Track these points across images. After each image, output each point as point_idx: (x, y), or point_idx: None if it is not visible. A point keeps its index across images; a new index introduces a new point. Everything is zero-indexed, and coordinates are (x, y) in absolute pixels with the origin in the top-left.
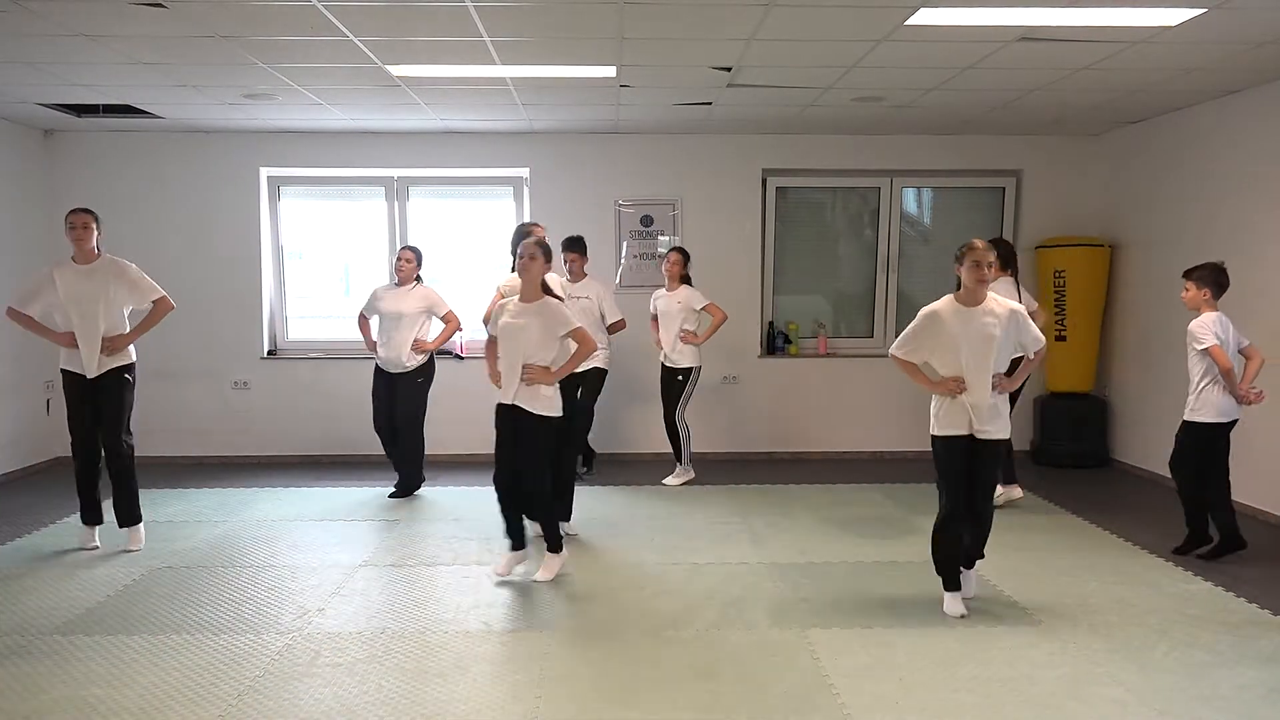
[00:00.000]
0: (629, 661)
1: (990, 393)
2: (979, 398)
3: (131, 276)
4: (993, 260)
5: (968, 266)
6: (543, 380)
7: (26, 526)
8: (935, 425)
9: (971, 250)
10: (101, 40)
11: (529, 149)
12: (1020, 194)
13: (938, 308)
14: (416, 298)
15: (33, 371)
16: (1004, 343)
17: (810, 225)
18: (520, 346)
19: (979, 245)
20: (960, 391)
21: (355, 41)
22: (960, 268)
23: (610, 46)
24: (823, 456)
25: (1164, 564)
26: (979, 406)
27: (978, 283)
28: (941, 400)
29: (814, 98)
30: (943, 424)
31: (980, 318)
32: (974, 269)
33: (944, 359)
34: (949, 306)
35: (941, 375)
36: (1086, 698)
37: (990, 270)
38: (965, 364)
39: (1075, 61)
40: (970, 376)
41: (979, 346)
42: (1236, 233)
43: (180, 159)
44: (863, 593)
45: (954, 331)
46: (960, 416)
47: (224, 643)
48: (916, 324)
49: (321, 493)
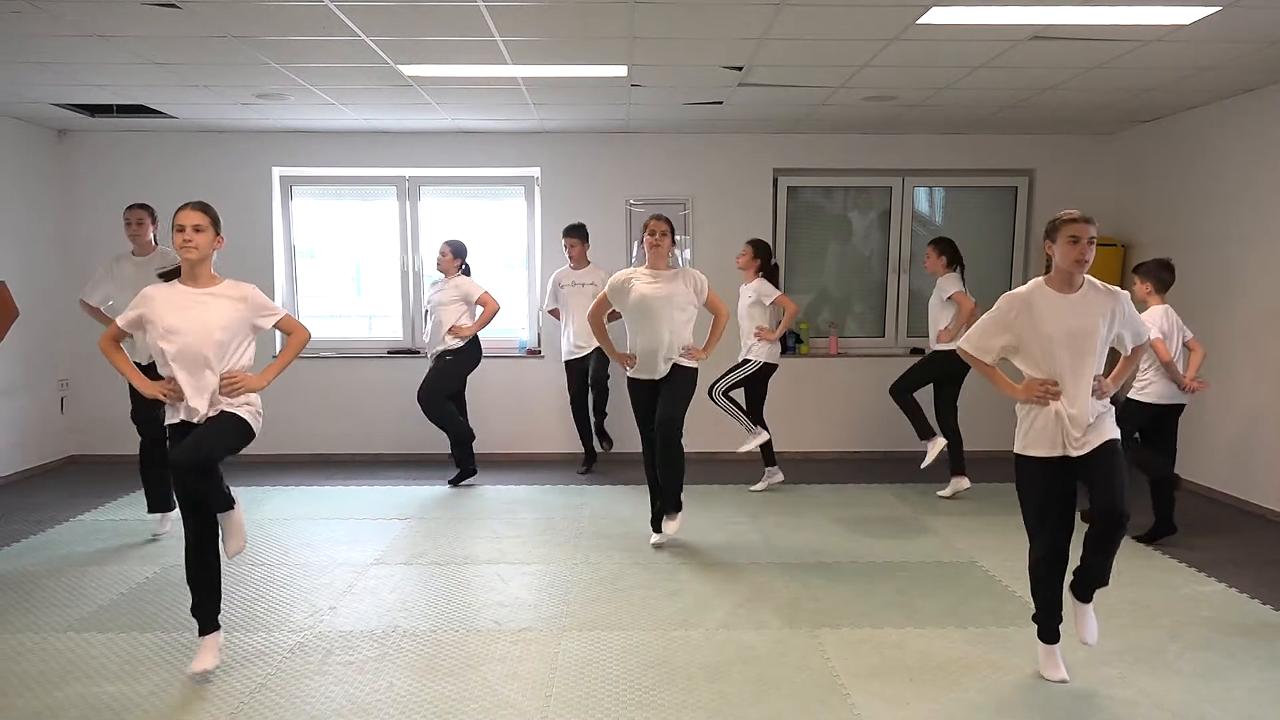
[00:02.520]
0: (639, 660)
1: (1091, 400)
2: (1079, 407)
3: None
4: (1094, 234)
5: (1063, 242)
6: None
7: (40, 524)
8: (1021, 441)
9: (1070, 222)
10: (115, 40)
11: (540, 149)
12: (1033, 193)
13: (1025, 293)
14: (452, 289)
15: (46, 370)
16: (1107, 338)
17: (821, 225)
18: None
19: (1077, 215)
20: (1054, 398)
21: (367, 41)
22: (1052, 244)
23: (621, 46)
24: (834, 456)
25: (1176, 565)
26: (1078, 418)
27: (1076, 264)
28: (1030, 409)
29: (825, 97)
30: (1030, 441)
31: (1079, 306)
32: (1070, 246)
33: (1033, 358)
34: (1039, 291)
35: (1028, 377)
36: (1098, 699)
37: (1093, 247)
38: (1060, 364)
39: (1088, 60)
40: (1067, 380)
41: (1079, 342)
42: (1250, 232)
43: (193, 159)
44: (873, 593)
45: (1046, 323)
46: (1054, 432)
47: (236, 640)
48: (995, 312)
49: (333, 491)
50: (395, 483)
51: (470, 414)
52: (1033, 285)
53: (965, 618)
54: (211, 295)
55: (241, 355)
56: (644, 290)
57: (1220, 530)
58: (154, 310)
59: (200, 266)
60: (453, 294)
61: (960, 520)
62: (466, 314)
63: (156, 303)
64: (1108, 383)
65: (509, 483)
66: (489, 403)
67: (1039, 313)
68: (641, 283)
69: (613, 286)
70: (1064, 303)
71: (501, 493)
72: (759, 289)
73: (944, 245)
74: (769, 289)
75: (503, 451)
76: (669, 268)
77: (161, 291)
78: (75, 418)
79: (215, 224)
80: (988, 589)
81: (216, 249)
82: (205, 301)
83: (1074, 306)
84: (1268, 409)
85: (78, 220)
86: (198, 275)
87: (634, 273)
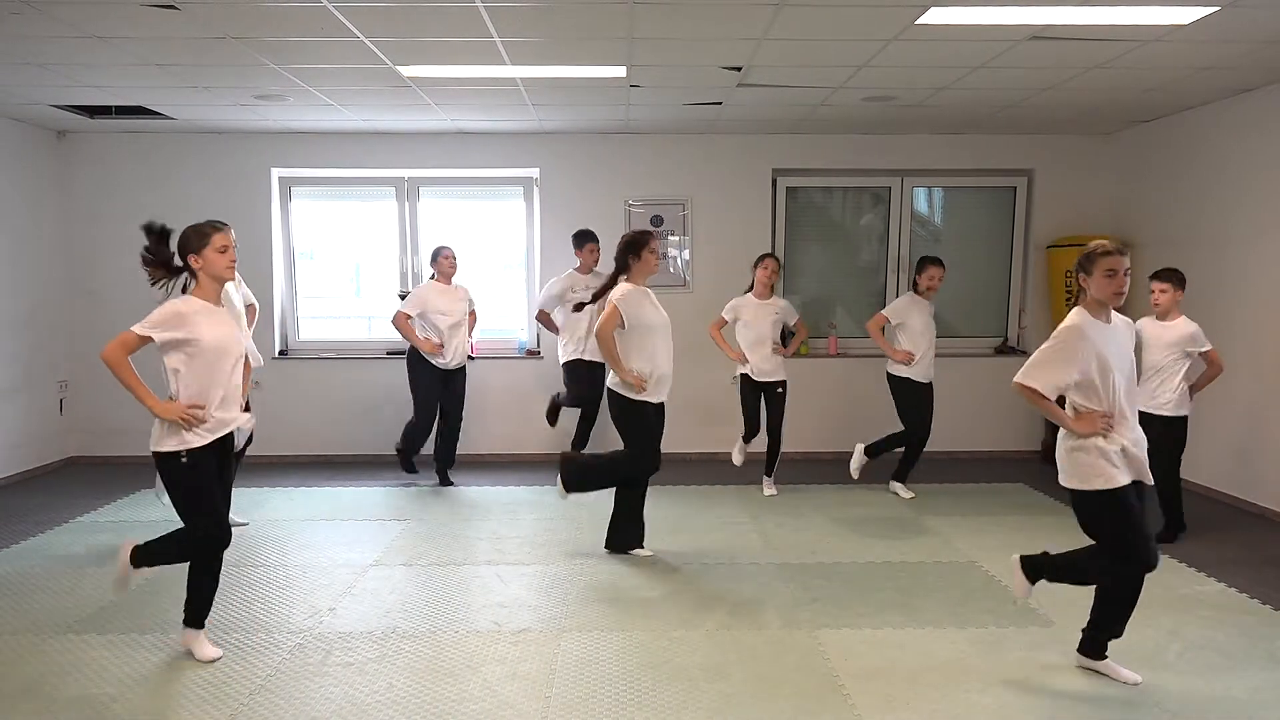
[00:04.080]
0: (639, 661)
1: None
2: (1139, 433)
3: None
4: (1129, 265)
5: (1100, 275)
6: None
7: (40, 526)
8: (1102, 478)
9: (1106, 255)
10: (114, 42)
11: (539, 149)
12: (1032, 193)
13: (1081, 325)
14: (464, 295)
15: (45, 371)
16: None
17: (821, 225)
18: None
19: (1111, 248)
20: (1110, 429)
21: (366, 42)
22: (1087, 278)
23: (620, 47)
24: (833, 456)
25: (1176, 565)
26: (1140, 443)
27: (1115, 295)
28: (1088, 444)
29: (824, 97)
30: (1117, 473)
31: (1122, 335)
32: (1108, 280)
33: (1095, 390)
34: (1089, 322)
35: (1084, 408)
36: (1098, 699)
37: (1128, 277)
38: (1119, 394)
39: (1087, 60)
40: (1126, 409)
41: (1129, 371)
42: (1249, 232)
43: (192, 160)
44: (873, 593)
45: (1106, 354)
46: (1132, 461)
47: (236, 641)
48: (1064, 345)
49: (332, 492)
50: (394, 484)
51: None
52: (1082, 317)
53: (965, 618)
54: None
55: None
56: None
57: (1221, 530)
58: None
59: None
60: (465, 301)
61: (960, 520)
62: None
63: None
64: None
65: (508, 484)
66: (488, 404)
67: (1098, 344)
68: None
69: (630, 300)
70: (1111, 332)
71: (501, 494)
72: (787, 309)
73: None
74: (792, 310)
75: (502, 452)
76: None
77: (190, 303)
78: (74, 419)
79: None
80: (988, 589)
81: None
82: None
83: (1118, 336)
84: (1268, 409)
85: (77, 221)
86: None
87: (648, 291)
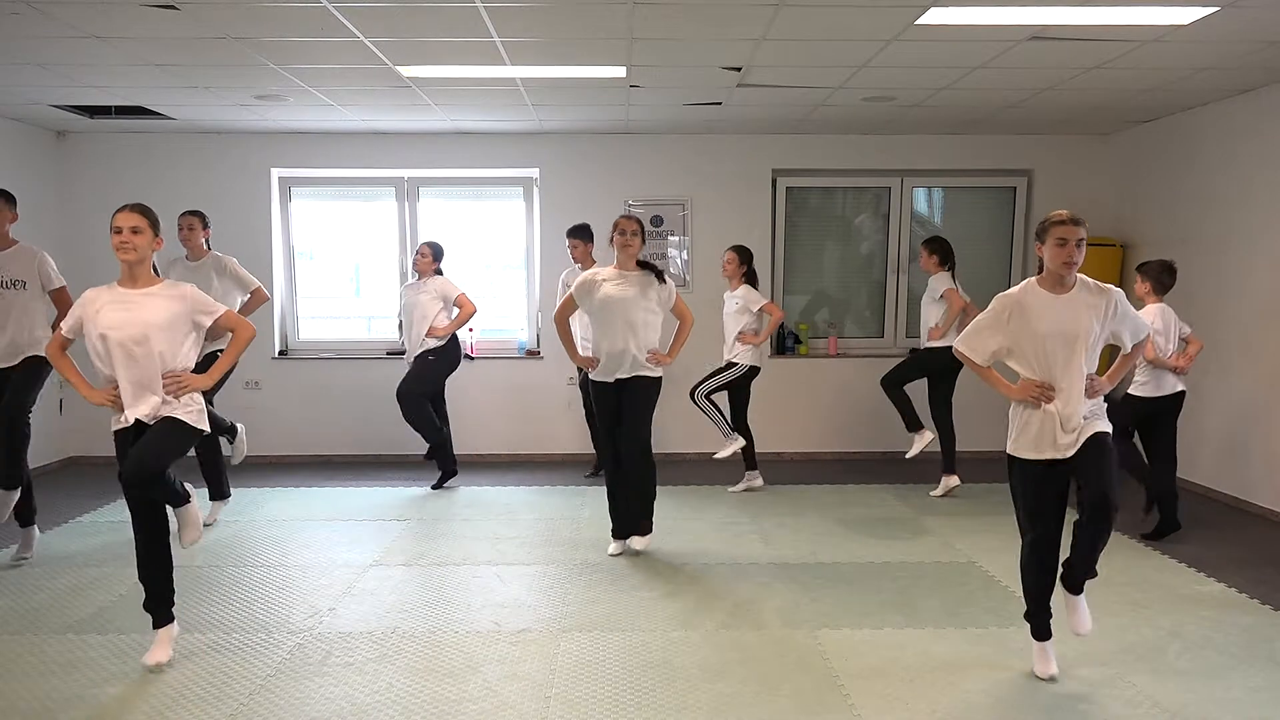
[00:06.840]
0: (639, 661)
1: (1084, 400)
2: (1072, 406)
3: (233, 270)
4: (1084, 236)
5: (1052, 244)
6: (664, 363)
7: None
8: (1012, 443)
9: (1058, 224)
10: (113, 42)
11: (539, 149)
12: (1031, 193)
13: (1017, 293)
14: (431, 289)
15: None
16: (1100, 335)
17: (820, 225)
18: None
19: (1065, 217)
20: (1048, 399)
21: (365, 42)
22: (1041, 246)
23: (620, 47)
24: (834, 456)
25: (1176, 565)
26: (1070, 417)
27: (1064, 265)
28: (1022, 410)
29: (824, 97)
30: (1021, 444)
31: (1072, 305)
32: (1058, 248)
33: (1026, 358)
34: (1031, 291)
35: (1023, 378)
36: (1098, 699)
37: (1081, 248)
38: (1054, 364)
39: (1086, 61)
40: (1060, 380)
41: (1071, 342)
42: (1248, 232)
43: (192, 160)
44: (873, 593)
45: (1038, 323)
46: (1043, 434)
47: (235, 642)
48: (988, 313)
49: (332, 493)
50: (394, 484)
51: (470, 415)
52: (1024, 285)
53: (965, 618)
54: (149, 295)
55: (184, 355)
56: (610, 291)
57: (1220, 530)
58: (89, 310)
59: (139, 268)
60: (432, 294)
61: (960, 520)
62: (444, 314)
63: (94, 303)
64: (1103, 380)
65: (508, 484)
66: (488, 404)
67: (1031, 312)
68: (609, 284)
69: (580, 286)
70: (1056, 302)
71: (500, 494)
72: (745, 296)
73: (936, 244)
74: (755, 296)
75: (502, 452)
76: (637, 269)
77: (99, 292)
78: (74, 419)
79: (154, 226)
80: (988, 589)
81: (156, 250)
82: (143, 301)
83: (1066, 306)
84: (1266, 409)
85: (76, 221)
86: (136, 276)
87: (601, 272)
